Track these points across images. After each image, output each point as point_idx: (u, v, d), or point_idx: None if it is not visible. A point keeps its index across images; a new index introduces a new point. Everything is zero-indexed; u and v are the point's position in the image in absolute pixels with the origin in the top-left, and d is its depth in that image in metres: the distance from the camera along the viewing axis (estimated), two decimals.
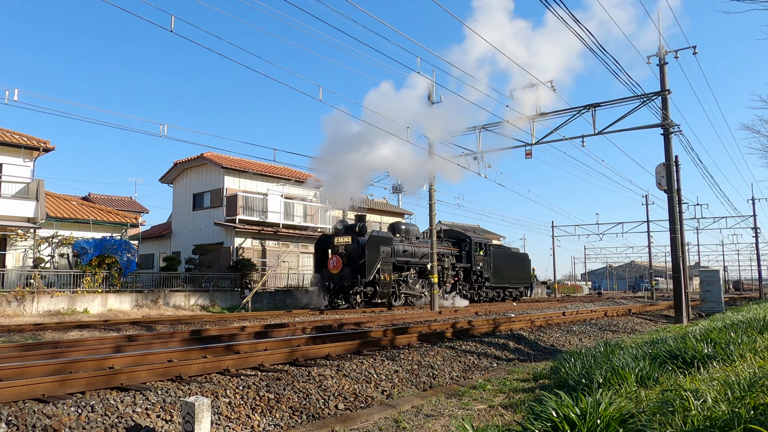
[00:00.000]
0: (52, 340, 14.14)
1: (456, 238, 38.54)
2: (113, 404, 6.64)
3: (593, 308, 29.33)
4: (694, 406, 5.05)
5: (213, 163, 37.24)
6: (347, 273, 29.43)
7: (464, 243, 38.29)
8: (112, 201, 46.92)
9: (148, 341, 12.59)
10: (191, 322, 21.05)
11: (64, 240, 29.00)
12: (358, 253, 29.60)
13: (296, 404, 7.72)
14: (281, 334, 15.43)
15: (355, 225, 31.05)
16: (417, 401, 8.02)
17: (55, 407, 6.36)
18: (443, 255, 34.97)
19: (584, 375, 7.53)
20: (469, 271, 38.23)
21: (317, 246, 32.19)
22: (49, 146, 28.86)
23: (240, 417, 7.03)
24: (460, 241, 38.43)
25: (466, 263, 37.91)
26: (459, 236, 38.95)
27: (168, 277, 30.71)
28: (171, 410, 6.75)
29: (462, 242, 38.33)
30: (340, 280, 29.57)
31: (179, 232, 40.37)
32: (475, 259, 38.56)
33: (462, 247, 38.08)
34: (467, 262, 38.03)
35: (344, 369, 9.42)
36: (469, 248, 38.15)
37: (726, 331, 10.48)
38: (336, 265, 29.58)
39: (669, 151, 23.61)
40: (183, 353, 10.02)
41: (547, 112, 26.20)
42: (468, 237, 38.81)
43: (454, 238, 38.45)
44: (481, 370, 11.31)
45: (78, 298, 25.53)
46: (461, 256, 37.80)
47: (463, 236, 38.94)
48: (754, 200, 62.50)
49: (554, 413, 5.02)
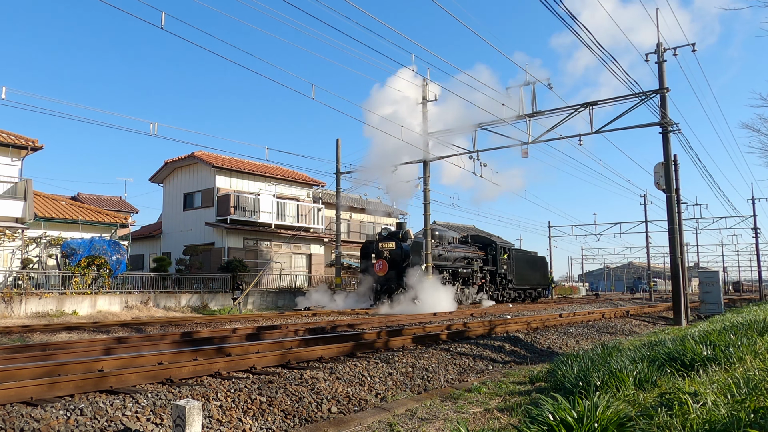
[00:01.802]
0: (41, 342, 14.08)
1: (483, 243, 41.32)
2: (102, 407, 6.63)
3: (590, 310, 29.39)
4: (693, 410, 5.06)
5: (204, 163, 37.20)
6: (393, 275, 32.01)
7: (490, 247, 40.91)
8: (101, 201, 46.82)
9: (138, 343, 12.55)
10: (182, 324, 21.01)
11: (52, 240, 28.91)
12: (401, 257, 32.33)
13: (289, 407, 7.71)
14: (273, 336, 15.43)
15: (398, 231, 33.80)
16: (411, 404, 8.02)
17: (44, 410, 6.34)
18: (473, 259, 38.07)
19: (581, 378, 7.52)
20: (494, 273, 40.78)
21: (362, 250, 34.95)
22: (38, 145, 28.76)
23: (231, 420, 7.02)
24: (486, 245, 41.11)
25: (492, 266, 40.48)
26: (485, 241, 41.83)
27: (158, 278, 30.66)
28: (161, 413, 6.73)
29: (488, 247, 40.97)
30: (386, 282, 32.13)
31: (170, 233, 40.31)
32: (499, 262, 41.10)
33: (488, 251, 40.62)
34: (493, 265, 40.58)
35: (337, 372, 9.42)
36: (494, 252, 40.76)
37: (725, 334, 10.51)
38: (382, 269, 32.23)
39: (667, 150, 23.66)
40: (174, 356, 10.00)
41: (544, 111, 26.25)
42: (494, 242, 41.62)
43: (480, 243, 41.22)
44: (477, 372, 11.31)
45: (67, 299, 25.45)
46: (488, 260, 40.37)
47: (489, 241, 41.82)
48: (754, 200, 62.71)
49: (551, 416, 5.02)
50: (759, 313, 18.86)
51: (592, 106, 25.07)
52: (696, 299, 36.89)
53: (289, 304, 34.40)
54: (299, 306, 32.57)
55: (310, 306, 31.91)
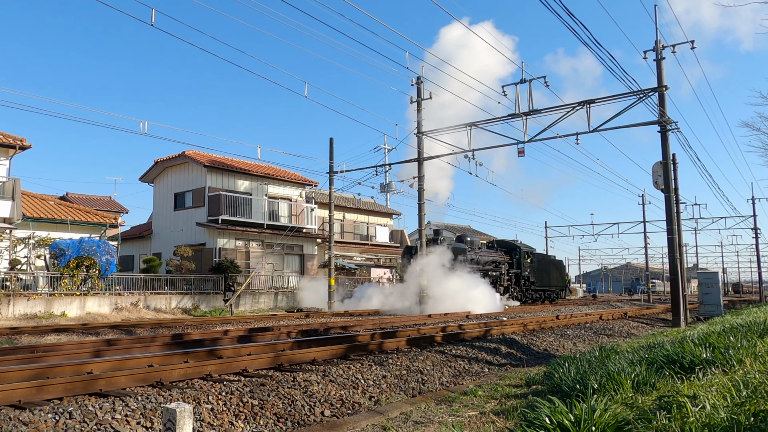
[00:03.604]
0: (29, 344, 14.04)
1: (507, 248, 44.61)
2: (92, 411, 6.62)
3: (588, 311, 29.43)
4: (692, 413, 5.06)
5: (195, 162, 37.11)
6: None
7: (514, 252, 44.20)
8: (90, 201, 46.73)
9: (128, 345, 12.54)
10: (173, 326, 20.98)
11: (41, 241, 28.84)
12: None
13: (281, 411, 7.70)
14: (266, 338, 15.41)
15: (437, 238, 35.68)
16: (406, 408, 8.02)
17: (32, 414, 6.33)
18: (500, 263, 41.39)
19: (578, 380, 7.52)
20: (519, 276, 43.84)
21: (404, 255, 36.73)
22: (26, 144, 28.68)
23: (223, 424, 7.01)
24: (511, 250, 44.43)
25: (516, 269, 43.60)
26: (510, 246, 44.99)
27: (149, 280, 30.61)
28: (151, 417, 6.72)
29: (513, 251, 44.28)
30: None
31: (160, 233, 40.22)
32: (523, 265, 44.24)
33: (513, 256, 43.95)
34: (517, 268, 43.70)
35: (331, 374, 9.42)
36: (519, 256, 43.94)
37: (725, 335, 10.54)
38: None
39: (666, 149, 23.69)
40: (164, 358, 9.99)
41: (541, 109, 26.24)
42: (518, 247, 44.70)
43: (506, 248, 44.54)
44: (472, 375, 11.32)
45: (55, 300, 25.39)
46: (512, 263, 43.58)
47: (514, 246, 44.93)
48: (754, 200, 62.63)
49: (547, 420, 5.02)
50: (759, 314, 18.92)
51: (589, 105, 25.07)
52: (695, 301, 36.99)
53: (282, 305, 34.38)
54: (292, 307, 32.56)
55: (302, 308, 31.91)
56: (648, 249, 63.84)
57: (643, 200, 59.43)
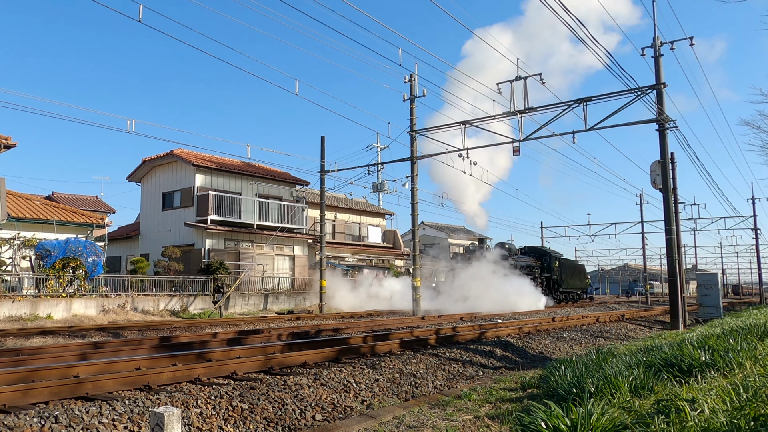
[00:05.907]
0: (14, 347, 14.01)
1: (539, 254, 49.25)
2: (78, 415, 6.60)
3: (584, 313, 29.52)
4: (690, 417, 5.08)
5: (183, 161, 37.03)
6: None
7: (545, 257, 48.78)
8: (76, 200, 46.60)
9: (115, 348, 12.52)
10: (161, 329, 20.96)
11: (26, 242, 28.74)
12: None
13: (271, 415, 7.70)
14: (255, 340, 15.41)
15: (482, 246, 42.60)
16: (398, 412, 8.01)
17: (17, 418, 6.31)
18: (533, 267, 45.63)
19: (575, 384, 7.53)
20: (549, 279, 48.05)
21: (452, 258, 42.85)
22: (11, 143, 28.55)
23: (212, 428, 7.00)
24: (542, 255, 49.01)
25: (547, 273, 47.91)
26: (540, 252, 50.12)
27: (136, 281, 30.54)
28: (139, 421, 6.71)
29: (543, 257, 48.81)
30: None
31: (148, 233, 40.14)
32: (553, 269, 48.69)
33: (543, 261, 48.25)
34: (548, 272, 48.07)
35: (322, 378, 9.41)
36: (548, 261, 48.46)
37: (724, 338, 10.56)
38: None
39: (664, 148, 23.71)
40: (152, 361, 9.99)
41: (536, 107, 26.22)
42: (548, 252, 50.21)
43: (537, 254, 49.06)
44: (467, 378, 11.32)
45: (41, 302, 25.30)
46: (543, 268, 47.76)
47: (544, 252, 50.30)
48: (754, 200, 62.70)
49: (543, 424, 5.03)
50: (759, 316, 18.98)
51: (586, 102, 25.05)
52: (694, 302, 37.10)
53: (272, 307, 34.35)
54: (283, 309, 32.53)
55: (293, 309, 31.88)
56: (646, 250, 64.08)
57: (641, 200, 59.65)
